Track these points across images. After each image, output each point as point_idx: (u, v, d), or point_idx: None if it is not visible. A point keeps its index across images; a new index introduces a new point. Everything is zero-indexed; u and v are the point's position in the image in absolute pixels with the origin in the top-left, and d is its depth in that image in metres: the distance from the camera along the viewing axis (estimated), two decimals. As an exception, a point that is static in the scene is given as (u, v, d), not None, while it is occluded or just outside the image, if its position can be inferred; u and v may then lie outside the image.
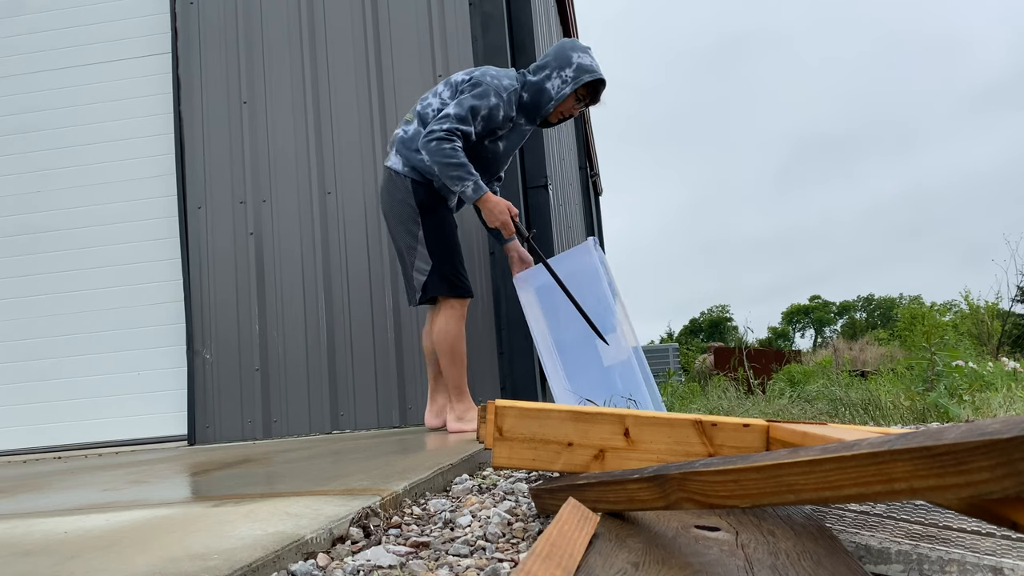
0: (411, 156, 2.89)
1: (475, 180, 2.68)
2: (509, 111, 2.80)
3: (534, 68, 2.88)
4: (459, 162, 2.67)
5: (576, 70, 2.80)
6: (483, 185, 2.71)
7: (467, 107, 2.72)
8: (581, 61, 2.81)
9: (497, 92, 2.76)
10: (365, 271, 4.08)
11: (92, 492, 1.89)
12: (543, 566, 0.75)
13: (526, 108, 2.87)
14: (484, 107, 2.74)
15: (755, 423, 1.38)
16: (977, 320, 11.07)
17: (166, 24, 4.45)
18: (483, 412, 1.44)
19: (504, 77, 2.83)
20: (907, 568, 0.92)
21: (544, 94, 2.82)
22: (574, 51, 2.84)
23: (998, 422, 0.53)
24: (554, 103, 2.81)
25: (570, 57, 2.81)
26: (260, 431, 4.08)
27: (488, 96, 2.74)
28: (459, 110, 2.72)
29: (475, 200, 2.71)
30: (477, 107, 2.73)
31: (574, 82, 2.80)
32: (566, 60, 2.81)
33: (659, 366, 14.37)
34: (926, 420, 3.00)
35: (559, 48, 2.86)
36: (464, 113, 2.72)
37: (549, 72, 2.81)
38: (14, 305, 4.44)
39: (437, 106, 2.87)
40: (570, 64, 2.80)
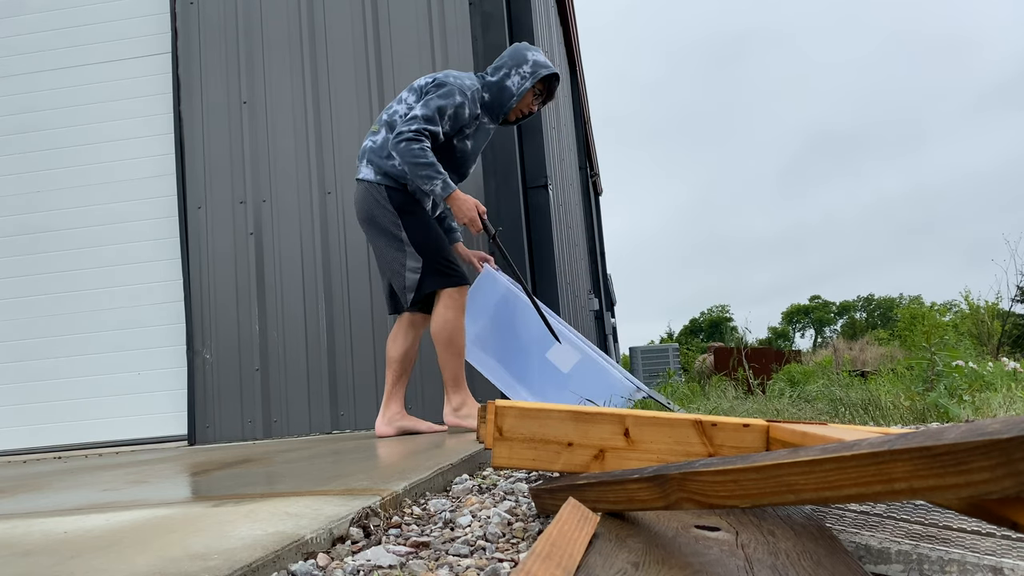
0: (382, 163, 2.93)
1: (443, 178, 2.76)
2: (474, 109, 2.90)
3: (491, 69, 3.00)
4: (428, 161, 2.74)
5: (533, 66, 2.95)
6: (451, 183, 2.79)
7: (434, 108, 2.80)
8: (536, 58, 2.97)
9: (461, 91, 2.85)
10: (365, 271, 4.08)
11: (92, 492, 1.89)
12: (543, 566, 0.75)
13: (488, 107, 2.97)
14: (450, 106, 2.82)
15: (755, 423, 1.38)
16: (977, 320, 11.07)
17: (166, 24, 4.45)
18: (483, 412, 1.44)
19: (466, 78, 2.95)
20: (907, 568, 0.92)
21: (505, 91, 2.94)
22: (528, 50, 2.99)
23: (998, 422, 0.53)
24: (516, 99, 2.94)
25: (525, 55, 2.97)
26: (260, 431, 4.08)
27: (453, 95, 2.83)
28: (426, 111, 2.80)
29: (444, 197, 2.78)
30: (443, 107, 2.81)
31: (532, 77, 2.94)
32: (522, 58, 2.96)
33: (659, 366, 14.37)
34: (926, 420, 3.00)
35: (513, 50, 3.01)
36: (431, 113, 2.80)
37: (507, 71, 2.95)
38: (14, 305, 4.44)
39: (403, 112, 2.95)
40: (526, 61, 2.95)
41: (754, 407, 3.66)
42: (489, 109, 2.98)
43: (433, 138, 2.80)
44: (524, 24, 4.29)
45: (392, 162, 2.91)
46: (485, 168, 4.03)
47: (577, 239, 7.85)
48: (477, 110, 2.92)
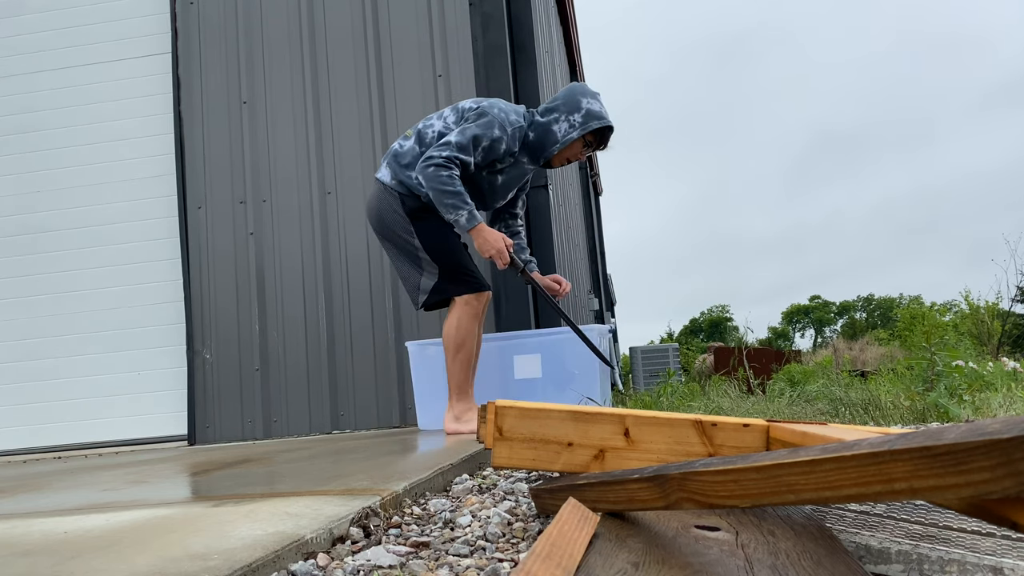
0: (400, 171, 2.87)
1: (469, 209, 2.67)
2: (512, 146, 2.78)
3: (543, 109, 2.86)
4: (455, 190, 2.65)
5: (585, 116, 2.79)
6: (477, 215, 2.69)
7: (470, 136, 2.71)
8: (590, 107, 2.80)
9: (502, 125, 2.74)
10: (365, 271, 4.08)
11: (92, 492, 1.89)
12: (543, 566, 0.75)
13: (530, 147, 2.85)
14: (487, 138, 2.72)
15: (755, 423, 1.38)
16: (977, 320, 11.07)
17: (166, 24, 4.45)
18: (483, 412, 1.44)
19: (512, 112, 2.82)
20: (907, 568, 0.92)
21: (550, 135, 2.80)
22: (584, 96, 2.82)
23: (998, 422, 0.53)
24: (559, 146, 2.80)
25: (579, 102, 2.80)
26: (260, 431, 4.08)
27: (492, 127, 2.73)
28: (461, 138, 2.71)
29: (468, 230, 2.70)
30: (480, 137, 2.72)
31: (582, 127, 2.78)
32: (575, 105, 2.80)
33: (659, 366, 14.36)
34: (926, 420, 3.00)
35: (569, 92, 2.85)
36: (466, 142, 2.71)
37: (558, 115, 2.80)
38: (14, 305, 4.44)
39: (439, 128, 2.86)
40: (579, 109, 2.79)
41: (754, 407, 3.66)
42: (530, 150, 2.85)
43: (463, 167, 2.71)
44: (524, 24, 4.29)
45: (410, 173, 2.84)
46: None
47: (577, 239, 7.85)
48: (515, 147, 2.80)
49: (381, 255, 4.07)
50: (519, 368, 3.27)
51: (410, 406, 3.91)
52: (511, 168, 2.88)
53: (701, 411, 3.66)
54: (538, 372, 3.28)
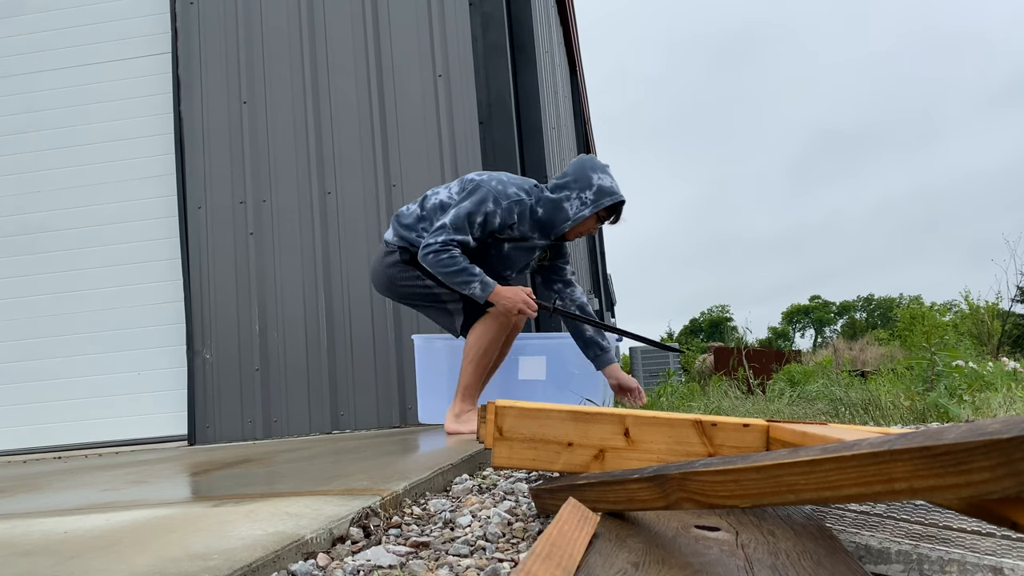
0: (401, 230, 2.89)
1: (480, 279, 2.66)
2: (508, 219, 2.74)
3: (553, 185, 2.84)
4: (459, 268, 2.65)
5: (597, 192, 2.76)
6: (490, 280, 2.67)
7: (464, 214, 2.70)
8: (602, 183, 2.78)
9: (496, 199, 2.72)
10: (365, 271, 4.08)
11: (92, 492, 1.89)
12: (543, 566, 0.75)
13: (540, 224, 2.82)
14: (480, 213, 2.71)
15: (755, 423, 1.38)
16: (977, 320, 11.08)
17: (166, 24, 4.45)
18: (483, 412, 1.44)
19: (512, 185, 2.79)
20: (907, 568, 0.92)
21: (561, 213, 2.78)
22: (594, 171, 2.80)
23: (998, 422, 0.53)
24: (571, 223, 2.78)
25: (591, 178, 2.78)
26: (260, 431, 4.08)
27: (486, 201, 2.71)
28: (454, 219, 2.71)
29: (487, 298, 2.68)
30: (473, 213, 2.71)
31: (594, 205, 2.76)
32: (587, 181, 2.77)
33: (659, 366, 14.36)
34: (926, 420, 3.00)
35: (579, 167, 2.82)
36: (460, 222, 2.70)
37: (569, 192, 2.78)
38: (14, 305, 4.44)
39: (443, 198, 2.85)
40: (591, 186, 2.76)
41: (754, 407, 3.66)
42: (541, 226, 2.82)
43: (462, 246, 2.69)
44: (524, 24, 4.29)
45: (413, 235, 2.85)
46: (485, 168, 4.03)
47: (577, 240, 7.85)
48: (512, 220, 2.76)
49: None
50: (524, 369, 3.27)
51: (410, 406, 3.92)
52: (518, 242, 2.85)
53: (701, 411, 3.66)
54: (543, 374, 3.28)
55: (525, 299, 2.69)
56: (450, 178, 4.06)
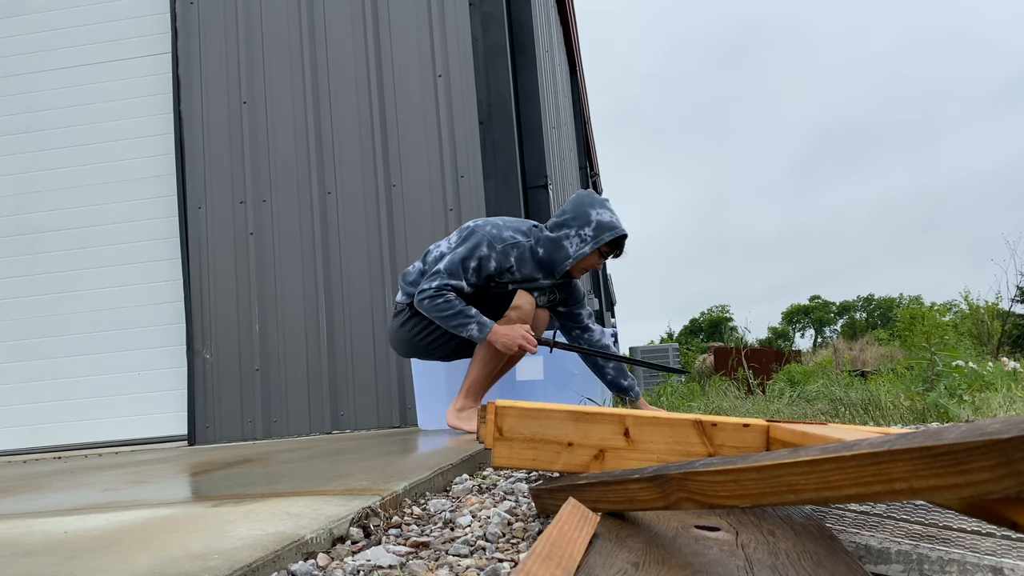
0: (407, 287, 2.90)
1: (476, 320, 2.66)
2: (504, 263, 2.74)
3: (552, 224, 2.83)
4: (455, 311, 2.66)
5: (596, 228, 2.74)
6: (486, 321, 2.67)
7: (458, 260, 2.71)
8: (600, 218, 2.76)
9: (491, 243, 2.72)
10: (365, 271, 4.08)
11: (92, 492, 1.89)
12: (543, 566, 0.75)
13: (543, 264, 2.81)
14: (474, 258, 2.71)
15: (755, 423, 1.38)
16: (977, 320, 11.08)
17: (166, 24, 4.45)
18: (483, 412, 1.44)
19: (508, 229, 2.79)
20: (907, 568, 0.92)
21: (562, 251, 2.77)
22: (592, 208, 2.78)
23: (998, 422, 0.53)
24: (572, 261, 2.77)
25: (589, 215, 2.76)
26: (260, 431, 4.08)
27: (480, 247, 2.72)
28: (448, 264, 2.72)
29: (484, 340, 2.68)
30: (467, 258, 2.71)
31: (594, 241, 2.74)
32: (585, 218, 2.75)
33: (659, 366, 14.31)
34: (926, 420, 3.00)
35: (577, 204, 2.81)
36: (454, 268, 2.71)
37: (568, 230, 2.76)
38: (14, 305, 4.44)
39: (443, 248, 2.85)
40: (589, 223, 2.75)
41: (754, 407, 3.66)
42: (543, 266, 2.81)
43: (457, 291, 2.70)
44: (524, 24, 4.29)
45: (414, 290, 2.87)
46: (485, 168, 4.03)
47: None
48: (508, 264, 2.75)
49: (381, 255, 4.07)
50: (521, 370, 3.28)
51: (410, 406, 3.92)
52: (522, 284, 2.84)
53: (701, 411, 3.67)
54: (540, 374, 3.28)
55: (524, 335, 2.67)
56: (450, 178, 4.06)
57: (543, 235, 2.82)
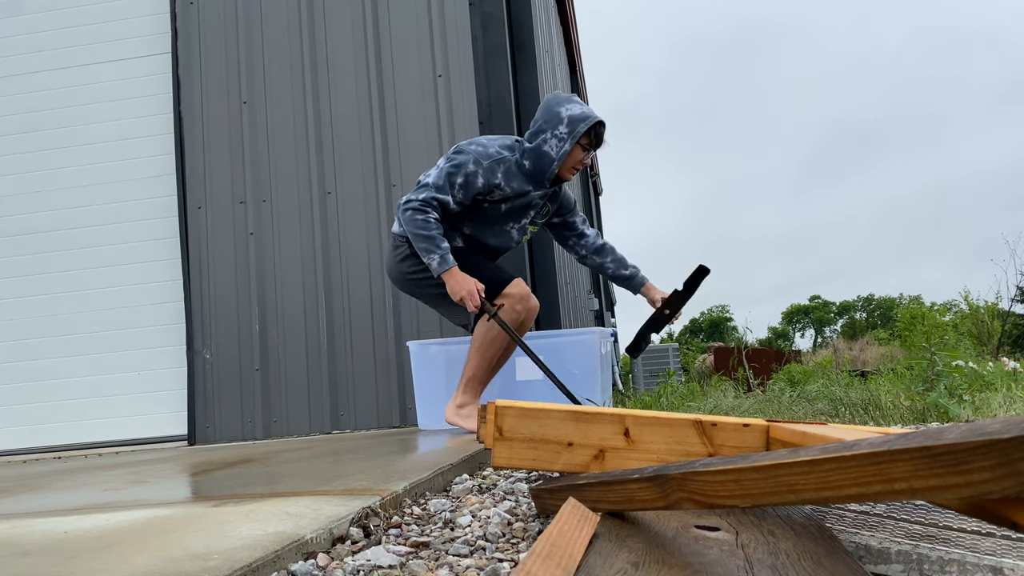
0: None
1: (442, 254, 2.68)
2: (491, 178, 2.76)
3: (529, 134, 2.85)
4: (428, 234, 2.68)
5: (569, 124, 2.75)
6: (451, 259, 2.69)
7: (444, 174, 2.74)
8: (571, 113, 2.77)
9: (477, 160, 2.74)
10: (365, 271, 4.08)
11: (92, 492, 1.89)
12: (543, 566, 0.75)
13: (531, 175, 2.82)
14: (460, 174, 2.73)
15: (755, 423, 1.38)
16: (977, 320, 11.08)
17: (166, 24, 4.45)
18: (483, 412, 1.44)
19: (493, 146, 2.81)
20: (907, 568, 0.92)
21: (545, 157, 2.78)
22: (559, 106, 2.79)
23: (998, 422, 0.53)
24: (557, 164, 2.78)
25: (558, 113, 2.77)
26: (260, 431, 4.08)
27: (466, 164, 2.73)
28: (436, 178, 2.74)
29: (440, 274, 2.69)
30: (454, 174, 2.74)
31: (571, 137, 2.75)
32: (556, 118, 2.77)
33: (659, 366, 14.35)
34: (926, 420, 3.00)
35: (545, 107, 2.83)
36: (442, 181, 2.73)
37: (545, 135, 2.78)
38: (14, 305, 4.44)
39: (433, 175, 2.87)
40: (561, 120, 2.76)
41: (754, 407, 3.66)
42: (532, 177, 2.82)
43: (442, 206, 2.72)
44: (524, 24, 4.29)
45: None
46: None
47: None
48: (495, 179, 2.76)
49: (381, 255, 4.07)
50: (521, 370, 3.28)
51: (410, 406, 3.91)
52: (513, 199, 2.85)
53: (701, 411, 3.66)
54: (540, 374, 3.28)
55: (471, 292, 2.67)
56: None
57: (525, 147, 2.83)
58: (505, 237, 2.96)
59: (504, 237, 2.96)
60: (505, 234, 2.95)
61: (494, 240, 2.93)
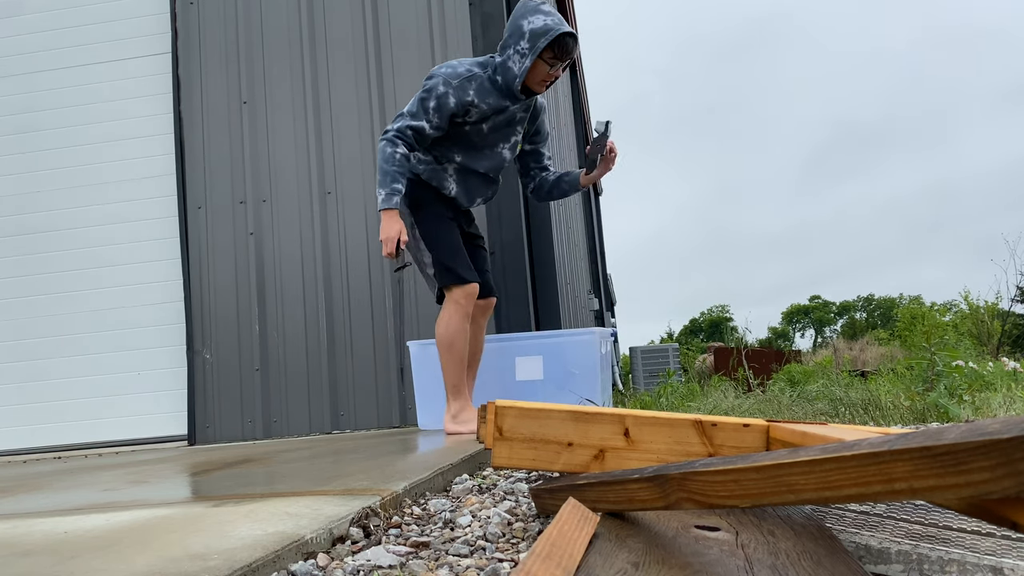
0: None
1: (389, 192, 2.70)
2: (463, 96, 2.75)
3: (500, 47, 2.82)
4: (387, 169, 2.71)
5: (530, 39, 2.67)
6: (394, 200, 2.72)
7: (417, 101, 2.76)
8: (533, 27, 2.67)
9: (446, 80, 2.74)
10: (365, 271, 4.08)
11: (92, 492, 1.89)
12: (543, 566, 0.75)
13: (503, 90, 2.81)
14: (433, 97, 2.74)
15: (755, 423, 1.38)
16: (977, 320, 11.08)
17: (166, 24, 4.45)
18: (483, 412, 1.44)
19: (463, 65, 2.81)
20: (907, 568, 0.92)
21: (509, 72, 2.75)
22: (523, 18, 2.70)
23: (998, 422, 0.53)
24: (519, 79, 2.74)
25: (521, 27, 2.69)
26: (260, 431, 4.08)
27: (436, 87, 2.74)
28: (411, 106, 2.77)
29: (380, 209, 2.74)
30: (426, 99, 2.75)
31: (532, 52, 2.67)
32: (519, 32, 2.70)
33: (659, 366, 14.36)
34: (926, 420, 3.00)
35: (511, 20, 2.77)
36: (415, 109, 2.75)
37: (510, 50, 2.74)
38: (14, 305, 4.44)
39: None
40: (523, 35, 2.69)
41: (754, 407, 3.66)
42: (505, 92, 2.80)
43: (418, 134, 2.74)
44: (524, 24, 4.29)
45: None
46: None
47: (577, 239, 7.85)
48: (468, 97, 2.75)
49: (381, 256, 4.07)
50: (520, 370, 3.28)
51: (410, 406, 3.91)
52: (493, 116, 2.82)
53: (701, 411, 3.66)
54: (540, 374, 3.28)
55: (390, 238, 2.70)
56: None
57: (496, 62, 2.81)
58: (497, 159, 2.93)
59: (496, 159, 2.93)
60: (496, 156, 2.92)
61: (486, 163, 2.90)
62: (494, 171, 2.96)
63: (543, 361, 3.29)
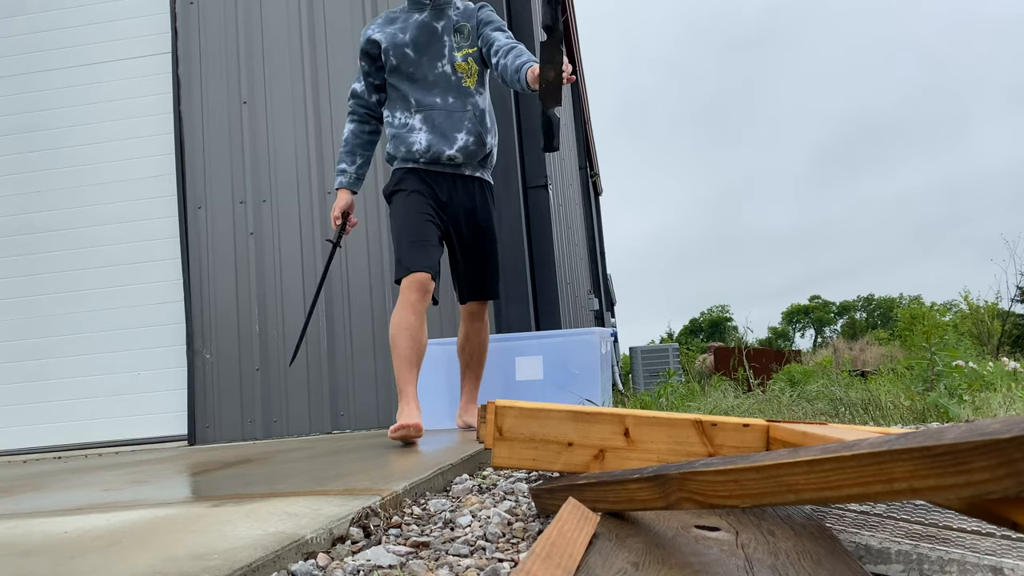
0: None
1: (341, 170, 2.83)
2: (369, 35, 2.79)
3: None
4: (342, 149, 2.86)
5: None
6: (341, 180, 2.84)
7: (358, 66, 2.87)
8: None
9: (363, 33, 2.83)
10: (365, 271, 4.08)
11: (92, 492, 1.89)
12: (543, 566, 0.75)
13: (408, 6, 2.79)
14: (359, 55, 2.83)
15: (755, 423, 1.38)
16: (977, 320, 11.08)
17: (166, 24, 4.45)
18: (483, 412, 1.44)
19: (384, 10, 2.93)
20: (907, 568, 0.92)
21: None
22: None
23: (998, 422, 0.53)
24: None
25: None
26: (260, 431, 4.08)
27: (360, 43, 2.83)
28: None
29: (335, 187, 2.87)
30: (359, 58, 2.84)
31: None
32: None
33: (659, 366, 14.35)
34: (926, 420, 3.00)
35: None
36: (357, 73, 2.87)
37: None
38: (14, 305, 4.44)
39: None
40: None
41: (754, 407, 3.66)
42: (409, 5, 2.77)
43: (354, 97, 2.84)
44: (524, 24, 4.29)
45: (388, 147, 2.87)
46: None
47: (577, 239, 7.85)
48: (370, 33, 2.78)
49: (381, 255, 4.07)
50: (521, 370, 3.28)
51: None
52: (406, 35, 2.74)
53: (701, 411, 3.66)
54: (540, 374, 3.29)
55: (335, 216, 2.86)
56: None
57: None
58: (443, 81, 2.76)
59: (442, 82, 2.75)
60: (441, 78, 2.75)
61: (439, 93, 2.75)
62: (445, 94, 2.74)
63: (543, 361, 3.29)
